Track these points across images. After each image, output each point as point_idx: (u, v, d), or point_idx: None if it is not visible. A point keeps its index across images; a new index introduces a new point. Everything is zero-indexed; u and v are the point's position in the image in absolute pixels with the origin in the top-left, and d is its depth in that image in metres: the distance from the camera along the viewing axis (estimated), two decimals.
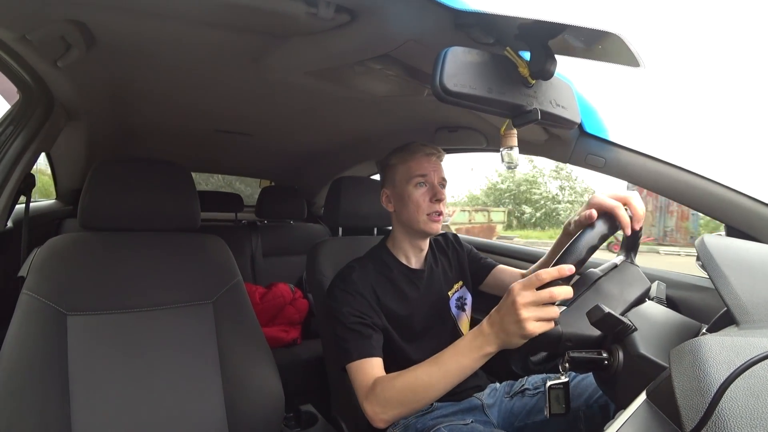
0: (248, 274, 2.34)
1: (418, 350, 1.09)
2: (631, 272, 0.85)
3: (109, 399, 0.90)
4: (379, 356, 0.98)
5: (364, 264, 1.13)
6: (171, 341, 1.00)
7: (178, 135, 1.82)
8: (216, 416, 0.98)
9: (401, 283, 1.13)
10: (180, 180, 1.12)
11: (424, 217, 1.10)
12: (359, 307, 1.02)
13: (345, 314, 1.01)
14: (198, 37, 0.89)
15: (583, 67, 0.75)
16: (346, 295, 1.04)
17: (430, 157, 1.12)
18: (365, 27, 0.78)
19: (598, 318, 0.67)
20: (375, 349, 0.98)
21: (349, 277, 1.08)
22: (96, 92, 1.23)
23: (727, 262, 0.62)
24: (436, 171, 1.12)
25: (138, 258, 1.05)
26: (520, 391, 1.09)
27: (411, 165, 1.11)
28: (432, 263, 1.21)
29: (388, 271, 1.14)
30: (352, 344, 0.98)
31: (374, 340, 0.99)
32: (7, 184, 1.13)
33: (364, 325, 1.00)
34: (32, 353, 0.86)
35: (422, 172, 1.10)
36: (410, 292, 1.13)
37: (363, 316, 1.01)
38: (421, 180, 1.11)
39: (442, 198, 1.10)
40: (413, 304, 1.12)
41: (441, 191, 1.11)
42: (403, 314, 1.10)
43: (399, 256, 1.17)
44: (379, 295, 1.08)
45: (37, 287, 0.92)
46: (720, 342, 0.46)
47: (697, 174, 1.03)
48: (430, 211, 1.09)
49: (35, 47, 0.88)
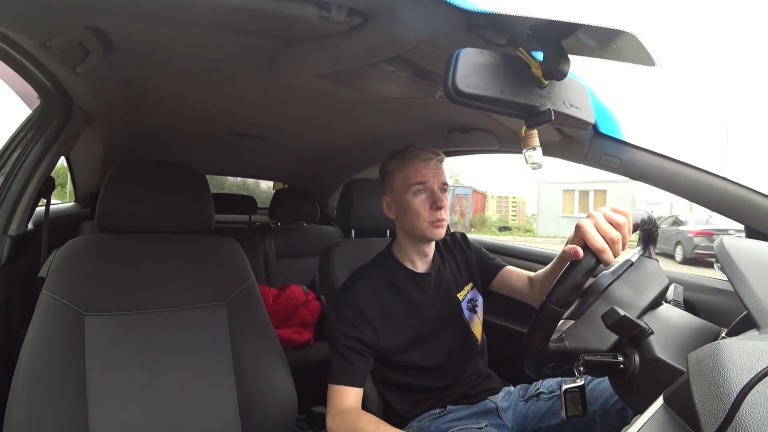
0: (261, 275, 2.36)
1: (425, 356, 1.09)
2: (648, 270, 0.82)
3: (124, 398, 0.92)
4: (356, 386, 1.01)
5: (369, 273, 1.12)
6: (185, 342, 1.01)
7: (193, 138, 1.84)
8: (229, 417, 0.99)
9: (408, 288, 1.12)
10: (194, 183, 1.14)
11: (426, 224, 1.07)
12: (353, 331, 1.03)
13: (337, 334, 1.04)
14: (212, 42, 0.90)
15: (598, 66, 0.74)
16: (345, 311, 1.05)
17: (428, 163, 1.09)
18: (377, 29, 0.78)
19: (614, 321, 0.66)
20: (355, 378, 1.01)
21: (352, 289, 1.08)
22: (113, 97, 1.25)
23: (747, 263, 0.61)
24: (436, 176, 1.09)
25: (153, 260, 1.07)
26: (534, 395, 1.08)
27: (408, 172, 1.09)
28: (440, 265, 1.19)
29: (394, 277, 1.13)
30: (335, 367, 1.02)
31: (357, 369, 1.01)
32: (27, 187, 1.16)
33: (351, 350, 1.02)
34: (51, 352, 0.88)
35: (421, 179, 1.08)
36: (418, 297, 1.12)
37: (354, 341, 1.03)
38: (420, 187, 1.08)
39: (442, 205, 1.07)
40: (422, 309, 1.11)
41: (441, 198, 1.08)
42: (411, 320, 1.09)
43: (404, 261, 1.15)
44: (385, 306, 1.08)
45: (56, 288, 0.93)
46: (740, 346, 0.45)
47: (715, 174, 1.01)
48: (432, 219, 1.07)
49: (55, 54, 0.91)
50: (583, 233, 0.69)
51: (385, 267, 1.15)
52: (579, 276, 0.68)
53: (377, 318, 1.06)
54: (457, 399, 1.11)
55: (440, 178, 1.10)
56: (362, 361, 1.03)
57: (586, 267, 0.67)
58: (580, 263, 0.68)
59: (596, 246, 0.67)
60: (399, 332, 1.08)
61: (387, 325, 1.07)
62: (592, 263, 0.68)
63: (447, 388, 1.11)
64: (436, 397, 1.10)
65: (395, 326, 1.08)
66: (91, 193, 2.14)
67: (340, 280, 1.22)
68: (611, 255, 0.68)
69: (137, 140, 1.77)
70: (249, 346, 1.06)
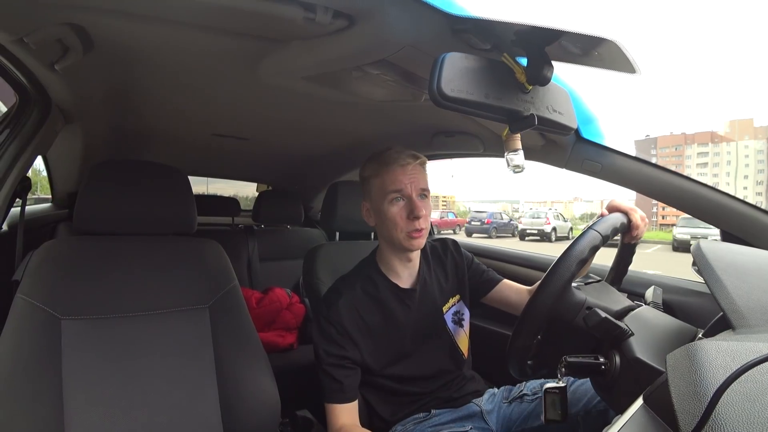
0: (245, 278, 2.33)
1: (408, 367, 1.08)
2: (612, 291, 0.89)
3: (103, 404, 0.89)
4: (348, 401, 1.00)
5: (351, 285, 1.08)
6: (166, 346, 0.99)
7: (175, 139, 1.81)
8: (211, 421, 0.98)
9: (391, 303, 1.07)
10: (176, 183, 1.12)
11: (404, 235, 1.02)
12: (336, 349, 1.01)
13: (321, 355, 1.02)
14: (195, 42, 0.89)
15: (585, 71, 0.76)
16: (328, 328, 1.02)
17: (405, 168, 1.02)
18: (363, 32, 0.78)
19: (595, 323, 0.67)
20: (346, 394, 1.00)
21: (334, 304, 1.04)
22: (93, 96, 1.22)
23: (723, 266, 0.62)
24: (414, 182, 1.02)
25: (133, 262, 1.04)
26: (518, 397, 1.09)
27: (385, 179, 1.02)
28: (425, 275, 1.13)
29: (377, 291, 1.08)
30: (325, 386, 1.01)
31: (345, 385, 1.00)
32: (2, 187, 1.12)
33: (337, 367, 1.00)
34: (26, 357, 0.85)
35: (397, 187, 1.01)
36: (401, 314, 1.08)
37: (338, 358, 1.01)
38: (397, 195, 1.01)
39: (419, 215, 1.00)
40: (404, 325, 1.08)
41: (418, 206, 1.00)
42: (393, 336, 1.07)
43: (388, 273, 1.10)
44: (367, 321, 1.05)
45: (31, 291, 0.91)
46: (716, 346, 0.46)
47: (692, 180, 1.04)
48: (409, 229, 1.01)
49: (32, 50, 0.88)
50: (614, 202, 0.95)
51: (368, 279, 1.10)
52: (571, 269, 0.72)
53: (359, 333, 1.04)
54: (441, 403, 1.10)
55: (419, 183, 1.03)
56: (349, 375, 1.01)
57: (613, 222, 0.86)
58: (572, 259, 0.76)
59: (628, 207, 0.93)
60: (381, 347, 1.06)
61: (369, 341, 1.05)
62: (585, 257, 0.76)
63: (430, 393, 1.11)
64: (420, 401, 1.10)
65: (377, 341, 1.06)
66: (69, 194, 2.09)
67: (324, 283, 1.22)
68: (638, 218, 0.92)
69: (117, 140, 1.73)
70: (232, 349, 1.04)
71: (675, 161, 47.34)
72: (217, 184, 4.19)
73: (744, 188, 41.13)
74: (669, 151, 49.94)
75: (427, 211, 1.03)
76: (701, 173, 44.07)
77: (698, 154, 47.75)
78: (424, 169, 1.07)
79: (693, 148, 48.17)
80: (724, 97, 75.70)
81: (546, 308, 0.72)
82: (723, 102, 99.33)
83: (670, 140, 50.73)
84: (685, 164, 46.53)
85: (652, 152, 48.37)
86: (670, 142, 50.51)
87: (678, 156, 48.88)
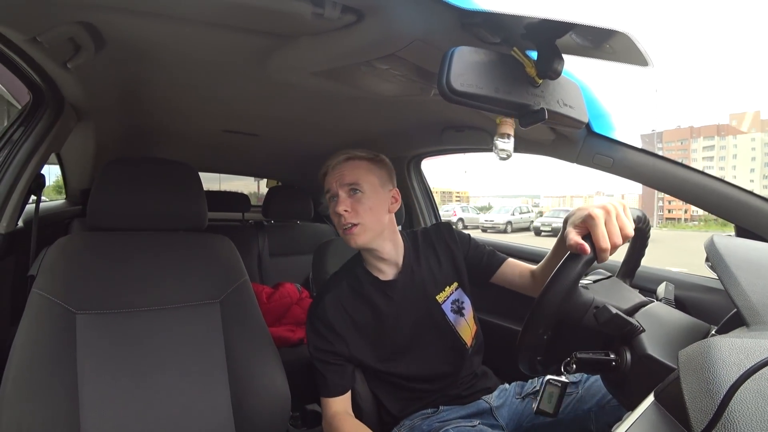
0: (255, 273, 2.35)
1: (410, 365, 1.08)
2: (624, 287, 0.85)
3: (116, 397, 0.91)
4: (337, 395, 1.04)
5: (338, 282, 1.11)
6: (178, 340, 1.01)
7: (186, 135, 1.83)
8: (222, 415, 0.99)
9: (374, 298, 1.08)
10: (187, 180, 1.13)
11: (341, 232, 1.04)
12: (323, 344, 1.05)
13: (311, 350, 1.07)
14: (205, 38, 0.90)
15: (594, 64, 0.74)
16: (316, 323, 1.06)
17: (335, 168, 1.05)
18: (372, 27, 0.78)
19: (606, 319, 0.67)
20: (330, 389, 1.04)
21: (322, 302, 1.08)
22: (105, 93, 1.24)
23: (737, 262, 0.61)
24: (339, 179, 1.03)
25: (145, 258, 1.06)
26: (531, 393, 1.08)
27: (324, 181, 1.08)
28: (413, 264, 1.12)
29: (361, 287, 1.09)
30: (316, 379, 1.06)
31: (330, 381, 1.04)
32: (17, 183, 1.14)
33: (324, 363, 1.05)
34: (42, 351, 0.87)
35: (327, 188, 1.06)
36: (384, 306, 1.08)
37: (325, 353, 1.05)
38: (330, 195, 1.06)
39: (338, 211, 1.01)
40: (390, 318, 1.08)
41: (338, 202, 1.02)
42: (382, 330, 1.07)
43: (370, 268, 1.11)
44: (353, 316, 1.07)
45: (46, 286, 0.92)
46: (729, 343, 0.45)
47: (706, 174, 1.02)
48: (340, 226, 1.03)
49: (45, 49, 0.89)
50: (593, 226, 0.67)
51: (353, 275, 1.11)
52: (578, 268, 0.69)
53: (346, 329, 1.05)
54: (450, 400, 1.10)
55: (343, 179, 1.03)
56: (335, 371, 1.04)
57: (588, 260, 0.68)
58: (581, 257, 0.68)
59: (600, 245, 0.66)
60: (371, 343, 1.07)
61: (356, 336, 1.06)
62: (592, 258, 0.69)
63: (439, 391, 1.11)
64: (427, 398, 1.10)
65: (366, 336, 1.07)
66: (83, 191, 2.12)
67: None
68: (608, 256, 0.68)
69: (129, 137, 1.75)
70: (242, 344, 1.06)
71: (681, 155, 46.44)
72: (230, 182, 4.24)
73: (750, 181, 40.42)
74: (675, 145, 49.12)
75: (356, 207, 1.02)
76: (707, 167, 43.20)
77: (704, 148, 46.98)
78: (360, 164, 1.06)
79: (699, 141, 47.36)
80: (730, 90, 72.78)
81: (554, 307, 0.72)
82: (730, 95, 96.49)
83: (675, 134, 49.99)
84: (691, 158, 45.71)
85: (658, 146, 47.63)
86: (676, 136, 49.77)
87: (684, 150, 48.10)
